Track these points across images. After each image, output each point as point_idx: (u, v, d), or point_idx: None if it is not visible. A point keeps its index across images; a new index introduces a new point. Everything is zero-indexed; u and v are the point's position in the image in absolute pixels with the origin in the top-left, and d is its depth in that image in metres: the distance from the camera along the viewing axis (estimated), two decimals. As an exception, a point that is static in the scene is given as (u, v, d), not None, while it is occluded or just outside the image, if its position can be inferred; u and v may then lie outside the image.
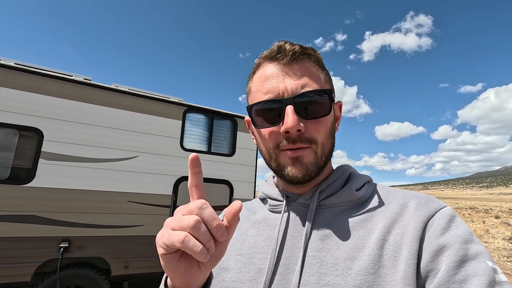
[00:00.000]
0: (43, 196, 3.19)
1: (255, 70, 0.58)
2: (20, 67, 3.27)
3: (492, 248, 10.37)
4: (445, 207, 0.48)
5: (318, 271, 0.47)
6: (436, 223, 0.45)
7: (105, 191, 3.51)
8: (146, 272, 3.65)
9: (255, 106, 0.54)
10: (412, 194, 0.53)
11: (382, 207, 0.52)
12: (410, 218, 0.47)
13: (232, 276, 0.55)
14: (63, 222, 3.24)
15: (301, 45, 0.54)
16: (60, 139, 3.34)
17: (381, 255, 0.45)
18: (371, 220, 0.50)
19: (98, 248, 3.39)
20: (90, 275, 3.32)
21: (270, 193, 0.63)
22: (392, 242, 0.46)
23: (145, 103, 3.90)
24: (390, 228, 0.47)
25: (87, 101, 3.55)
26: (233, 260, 0.57)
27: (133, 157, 3.72)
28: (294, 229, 0.54)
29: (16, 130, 3.17)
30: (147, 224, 3.68)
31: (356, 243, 0.47)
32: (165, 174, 3.90)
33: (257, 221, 0.61)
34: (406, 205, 0.50)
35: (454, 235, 0.43)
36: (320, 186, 0.56)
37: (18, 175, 3.15)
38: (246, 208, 0.68)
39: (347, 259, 0.46)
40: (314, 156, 0.52)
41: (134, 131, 3.77)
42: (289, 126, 0.49)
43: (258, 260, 0.54)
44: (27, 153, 3.20)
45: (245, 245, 0.58)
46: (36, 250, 3.10)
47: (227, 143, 4.53)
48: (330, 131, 0.55)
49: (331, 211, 0.54)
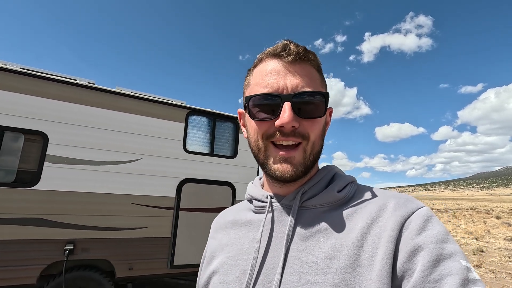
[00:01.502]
0: (48, 199, 3.22)
1: (256, 64, 0.59)
2: (25, 71, 3.31)
3: (494, 248, 10.36)
4: (422, 208, 0.49)
5: (299, 270, 0.48)
6: (413, 224, 0.46)
7: (109, 194, 3.53)
8: (150, 274, 3.67)
9: (254, 97, 0.55)
10: (392, 195, 0.54)
11: (362, 208, 0.52)
12: (388, 218, 0.48)
13: (219, 278, 0.57)
14: (68, 224, 3.27)
15: (305, 48, 0.55)
16: (64, 142, 3.37)
17: (359, 255, 0.46)
18: (351, 221, 0.51)
19: (103, 250, 3.42)
20: (94, 277, 3.34)
21: (255, 194, 0.64)
22: (370, 242, 0.47)
23: (148, 106, 3.94)
24: (369, 228, 0.48)
25: (91, 104, 3.59)
26: (220, 263, 0.60)
27: (137, 159, 3.75)
28: (278, 230, 0.56)
29: (21, 133, 3.20)
30: (151, 226, 3.71)
31: (336, 243, 0.49)
32: (168, 176, 3.93)
33: (243, 223, 0.63)
34: (385, 206, 0.51)
35: (430, 235, 0.44)
36: (303, 187, 0.57)
37: (23, 178, 3.18)
38: (232, 212, 0.70)
39: (326, 259, 0.48)
40: (303, 156, 0.53)
41: (138, 133, 3.80)
42: (285, 121, 0.50)
43: (243, 261, 0.56)
44: (32, 156, 3.24)
45: (232, 248, 0.60)
46: (41, 252, 3.12)
47: (229, 145, 4.56)
48: (321, 132, 0.56)
49: (313, 212, 0.55)
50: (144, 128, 3.85)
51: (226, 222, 0.68)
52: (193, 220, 4.00)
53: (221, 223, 0.69)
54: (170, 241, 3.80)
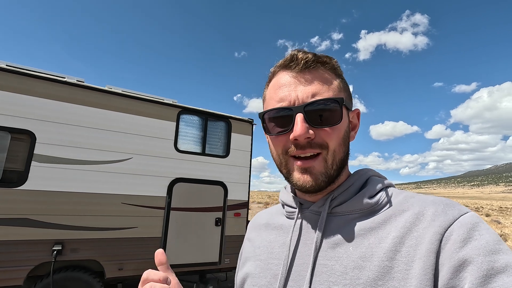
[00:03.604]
0: (36, 199, 3.16)
1: (271, 79, 0.59)
2: (11, 69, 3.24)
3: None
4: (465, 214, 0.44)
5: (327, 279, 0.48)
6: (455, 234, 0.41)
7: (99, 193, 3.49)
8: (141, 274, 3.64)
9: (267, 113, 0.55)
10: (431, 201, 0.49)
11: (396, 216, 0.49)
12: (426, 228, 0.44)
13: (252, 281, 0.59)
14: (56, 225, 3.23)
15: (315, 54, 0.54)
16: (52, 142, 3.32)
17: (392, 267, 0.43)
18: (383, 229, 0.48)
19: (92, 250, 3.38)
20: (83, 277, 3.30)
21: (286, 199, 0.64)
22: (405, 254, 0.43)
23: (139, 105, 3.89)
24: (403, 239, 0.45)
25: (80, 103, 3.53)
26: (253, 266, 0.61)
27: (127, 159, 3.71)
28: (307, 236, 0.55)
29: (7, 132, 3.14)
30: (141, 226, 3.68)
31: (365, 252, 0.47)
32: (159, 175, 3.90)
33: (275, 227, 0.64)
34: (422, 214, 0.46)
35: (477, 247, 0.39)
36: (333, 193, 0.55)
37: (10, 178, 3.12)
38: (267, 214, 0.71)
39: (355, 268, 0.46)
40: (324, 165, 0.51)
41: (128, 133, 3.76)
42: (298, 134, 0.49)
43: (274, 266, 0.57)
44: (19, 155, 3.18)
45: (264, 251, 0.61)
46: (28, 253, 3.07)
47: (221, 144, 4.55)
48: (343, 139, 0.53)
49: (342, 219, 0.53)
50: (134, 127, 3.81)
51: (260, 224, 0.69)
52: (184, 220, 3.98)
53: (256, 225, 0.71)
54: (161, 241, 3.78)
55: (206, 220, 4.14)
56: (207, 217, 4.16)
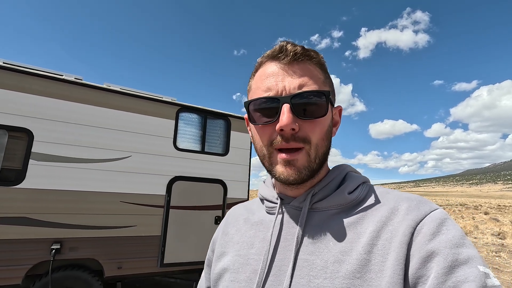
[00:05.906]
0: (34, 198, 3.14)
1: (257, 69, 0.58)
2: (9, 66, 3.21)
3: (481, 243, 10.60)
4: (435, 210, 0.47)
5: (308, 273, 0.48)
6: (426, 228, 0.44)
7: (97, 192, 3.47)
8: (140, 273, 3.63)
9: (253, 102, 0.54)
10: (405, 197, 0.52)
11: (373, 211, 0.51)
12: (400, 222, 0.47)
13: (231, 276, 0.58)
14: (55, 223, 3.20)
15: (303, 47, 0.54)
16: (50, 140, 3.29)
17: (369, 260, 0.45)
18: (361, 224, 0.50)
19: (91, 249, 3.36)
20: (82, 276, 3.29)
21: (266, 194, 0.64)
22: (381, 247, 0.46)
23: (137, 103, 3.87)
24: (379, 233, 0.47)
25: (78, 101, 3.50)
26: (231, 261, 0.60)
27: (126, 157, 3.69)
28: (287, 231, 0.56)
29: (5, 130, 3.11)
30: (140, 225, 3.66)
31: (345, 246, 0.48)
32: (158, 174, 3.88)
33: (255, 222, 0.63)
34: (396, 209, 0.49)
35: (444, 240, 0.42)
36: (313, 189, 0.56)
37: (7, 176, 3.10)
38: (246, 209, 0.70)
39: (335, 262, 0.47)
40: (307, 159, 0.52)
41: (127, 131, 3.74)
42: (284, 124, 0.49)
43: (253, 261, 0.56)
44: (17, 154, 3.15)
45: (243, 246, 0.60)
46: (27, 252, 3.05)
47: (221, 142, 4.53)
48: (326, 133, 0.54)
49: (323, 214, 0.54)
50: (133, 125, 3.79)
51: (238, 218, 0.68)
52: (183, 218, 3.96)
53: (234, 219, 0.69)
54: (160, 239, 3.77)
55: (205, 218, 4.13)
56: (207, 216, 4.15)
